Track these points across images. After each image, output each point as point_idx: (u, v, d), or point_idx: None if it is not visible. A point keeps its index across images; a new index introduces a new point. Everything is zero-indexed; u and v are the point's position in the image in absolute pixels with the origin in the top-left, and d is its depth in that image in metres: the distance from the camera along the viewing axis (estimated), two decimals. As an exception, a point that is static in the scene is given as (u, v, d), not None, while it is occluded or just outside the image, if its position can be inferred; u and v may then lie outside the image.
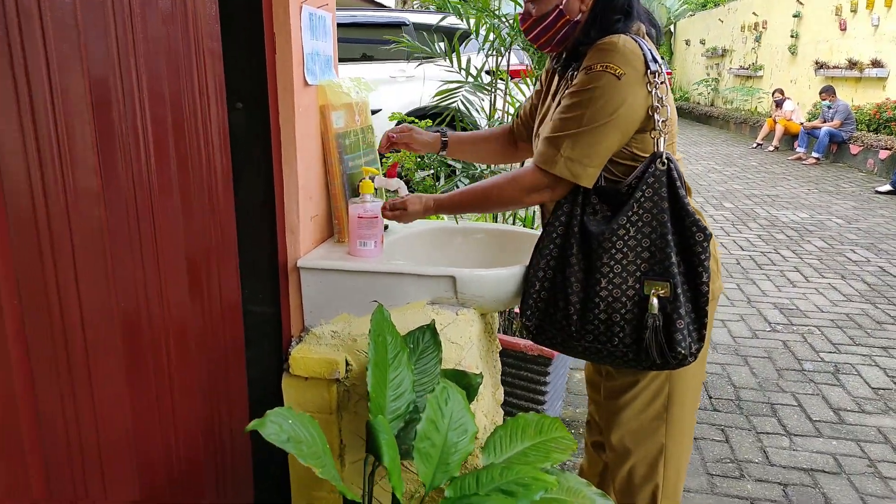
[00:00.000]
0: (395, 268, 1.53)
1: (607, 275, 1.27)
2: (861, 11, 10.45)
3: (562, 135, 1.27)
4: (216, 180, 1.40)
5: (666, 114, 1.26)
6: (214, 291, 1.44)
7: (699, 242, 1.24)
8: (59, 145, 0.98)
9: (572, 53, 1.35)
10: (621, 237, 1.26)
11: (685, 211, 1.25)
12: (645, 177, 1.25)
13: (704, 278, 1.25)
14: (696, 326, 1.27)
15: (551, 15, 1.33)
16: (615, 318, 1.28)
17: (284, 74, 1.47)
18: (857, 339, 3.45)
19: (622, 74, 1.22)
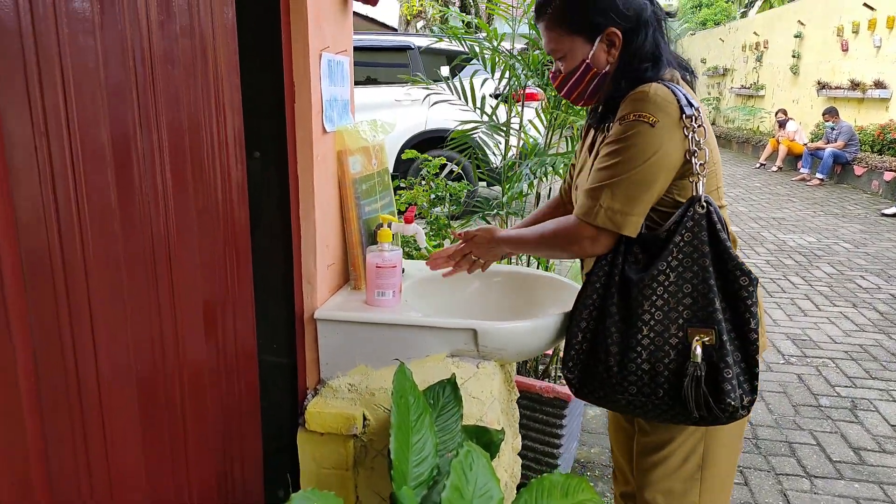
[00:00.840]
0: (414, 320, 1.49)
1: (648, 322, 1.23)
2: (863, 32, 10.50)
3: (600, 185, 1.25)
4: (234, 230, 1.37)
5: (704, 157, 1.23)
6: (230, 343, 1.40)
7: (744, 287, 1.20)
8: (78, 205, 0.94)
9: (607, 106, 1.33)
10: (661, 283, 1.22)
11: (728, 255, 1.20)
12: (684, 221, 1.22)
13: (752, 325, 1.20)
14: (748, 377, 1.22)
15: (579, 70, 1.32)
16: (659, 368, 1.23)
17: (303, 123, 1.44)
18: (872, 372, 3.40)
19: (656, 122, 1.20)
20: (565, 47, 1.32)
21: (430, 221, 2.30)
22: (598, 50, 1.30)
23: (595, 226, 1.26)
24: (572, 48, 1.32)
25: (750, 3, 24.73)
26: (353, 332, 1.51)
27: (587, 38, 1.30)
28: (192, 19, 1.18)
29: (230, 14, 1.28)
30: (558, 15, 1.31)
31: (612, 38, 1.29)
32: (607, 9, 1.27)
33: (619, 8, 1.27)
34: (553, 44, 1.34)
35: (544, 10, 1.32)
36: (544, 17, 1.33)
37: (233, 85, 1.31)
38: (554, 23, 1.32)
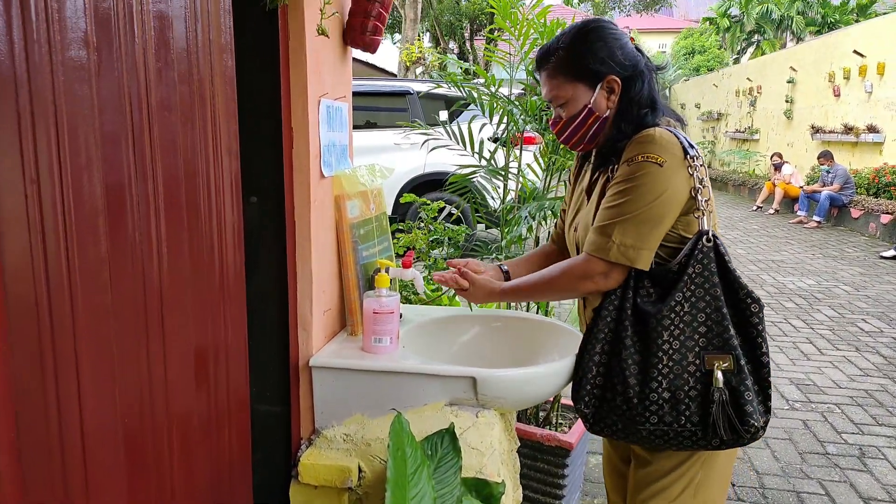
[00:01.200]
0: (412, 367, 1.45)
1: (668, 352, 1.29)
2: (854, 78, 10.70)
3: (612, 222, 1.31)
4: (228, 276, 1.35)
5: (708, 194, 1.31)
6: (222, 392, 1.36)
7: (755, 313, 1.28)
8: (68, 253, 0.92)
9: (609, 149, 1.40)
10: (678, 313, 1.29)
11: (738, 283, 1.28)
12: (694, 254, 1.29)
13: (764, 349, 1.29)
14: (762, 398, 1.30)
15: (581, 114, 1.38)
16: (679, 396, 1.28)
17: (301, 168, 1.44)
18: (879, 418, 3.34)
19: (663, 162, 1.28)
20: (567, 94, 1.39)
21: (428, 265, 2.29)
22: (598, 96, 1.38)
23: (608, 261, 1.31)
24: (574, 95, 1.38)
25: (742, 51, 25.32)
26: (349, 379, 1.47)
27: (588, 85, 1.38)
28: (190, 66, 1.18)
29: (229, 62, 1.29)
30: (561, 64, 1.38)
31: (612, 84, 1.37)
32: (607, 58, 1.36)
33: (618, 57, 1.36)
34: (555, 91, 1.40)
35: (547, 60, 1.40)
36: (547, 66, 1.40)
37: (231, 132, 1.30)
38: (556, 71, 1.39)
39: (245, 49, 1.36)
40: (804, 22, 22.71)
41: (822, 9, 23.12)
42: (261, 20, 1.36)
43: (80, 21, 0.90)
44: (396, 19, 18.50)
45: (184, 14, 1.17)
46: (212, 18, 1.24)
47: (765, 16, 23.46)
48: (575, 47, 1.37)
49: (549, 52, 1.39)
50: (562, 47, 1.38)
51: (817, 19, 22.84)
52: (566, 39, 1.38)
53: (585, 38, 1.37)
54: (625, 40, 1.39)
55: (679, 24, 34.10)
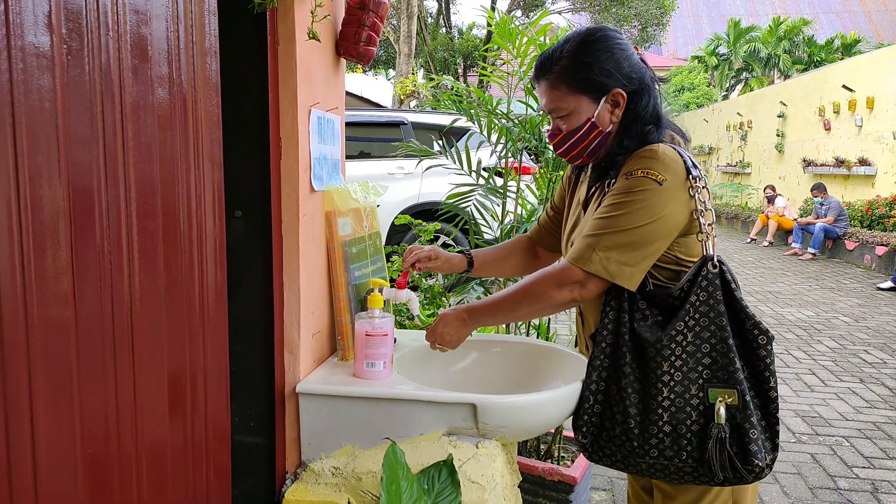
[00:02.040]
0: (407, 394, 1.35)
1: (668, 383, 1.22)
2: (844, 112, 10.81)
3: (599, 233, 1.24)
4: (209, 295, 1.25)
5: (711, 217, 1.24)
6: (199, 421, 1.25)
7: (763, 346, 1.20)
8: (23, 261, 0.83)
9: (608, 163, 1.33)
10: (679, 343, 1.22)
11: (745, 313, 1.21)
12: (698, 280, 1.22)
13: (772, 383, 1.21)
14: (769, 435, 1.23)
15: (583, 128, 1.31)
16: (681, 430, 1.21)
17: (289, 181, 1.36)
18: (889, 451, 3.22)
19: (663, 180, 1.21)
20: (569, 106, 1.31)
21: (423, 290, 2.19)
22: (602, 110, 1.30)
23: (586, 271, 1.24)
24: (577, 107, 1.31)
25: (730, 88, 25.75)
26: (339, 407, 1.36)
27: (592, 98, 1.30)
28: (170, 68, 1.11)
29: (214, 66, 1.21)
30: (563, 74, 1.30)
31: (618, 98, 1.29)
32: (614, 70, 1.28)
33: (625, 69, 1.28)
34: (556, 102, 1.33)
35: (548, 69, 1.32)
36: (548, 76, 1.32)
37: (214, 139, 1.22)
38: (558, 81, 1.31)
39: (232, 53, 1.29)
40: (791, 60, 23.18)
41: (809, 48, 23.64)
42: (249, 23, 1.29)
43: (42, 2, 0.82)
44: (391, 55, 18.72)
45: (165, 13, 1.10)
46: (195, 19, 1.17)
47: (752, 54, 23.95)
48: (579, 57, 1.29)
49: (551, 61, 1.31)
50: (565, 56, 1.30)
51: (804, 58, 23.34)
52: (570, 48, 1.30)
53: (591, 48, 1.29)
54: (631, 51, 1.32)
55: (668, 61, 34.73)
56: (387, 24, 17.02)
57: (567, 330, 5.26)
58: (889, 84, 9.65)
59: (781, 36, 23.82)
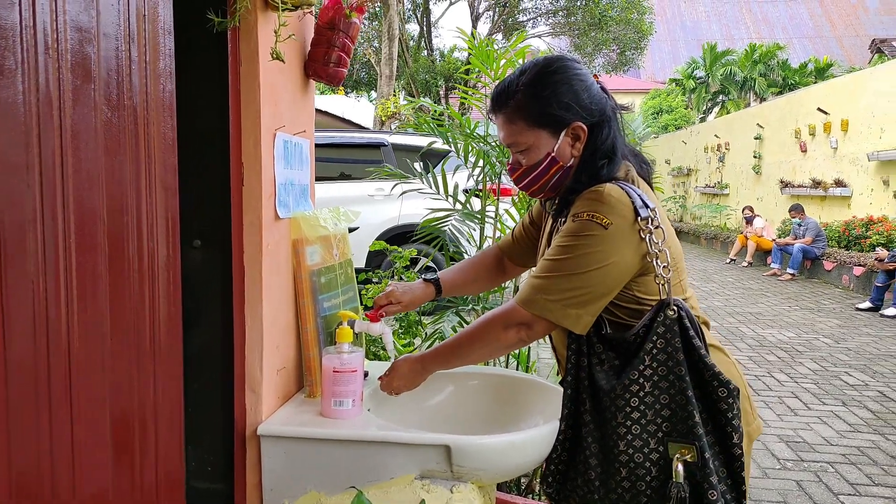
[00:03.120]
0: (376, 435, 1.27)
1: (625, 436, 1.16)
2: (819, 135, 10.98)
3: (544, 275, 1.20)
4: (160, 331, 1.16)
5: (667, 258, 1.17)
6: (149, 465, 1.15)
7: (723, 399, 1.14)
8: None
9: (566, 197, 1.28)
10: (635, 393, 1.16)
11: (703, 363, 1.14)
12: (654, 326, 1.16)
13: (735, 439, 1.14)
14: (735, 495, 1.16)
15: (544, 163, 1.25)
16: (640, 487, 1.15)
17: (252, 208, 1.28)
18: (874, 477, 3.17)
19: (609, 224, 1.16)
20: (528, 140, 1.26)
21: (398, 318, 2.12)
22: (563, 144, 1.25)
23: (531, 313, 1.20)
24: (536, 142, 1.25)
25: (707, 110, 26.18)
26: (304, 450, 1.28)
27: (552, 132, 1.25)
28: (120, 90, 1.03)
29: (168, 87, 1.14)
30: (520, 108, 1.25)
31: (578, 132, 1.25)
32: (573, 103, 1.23)
33: (584, 102, 1.24)
34: (515, 136, 1.27)
35: (505, 102, 1.26)
36: (505, 109, 1.26)
37: (168, 165, 1.14)
38: (516, 115, 1.25)
39: (190, 74, 1.22)
40: (766, 83, 23.66)
41: (783, 71, 24.18)
42: (208, 43, 1.22)
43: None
44: (372, 77, 18.77)
45: (115, 32, 1.03)
46: (149, 38, 1.10)
47: (728, 77, 24.41)
48: (536, 90, 1.23)
49: (508, 94, 1.25)
50: (521, 89, 1.24)
51: (778, 81, 23.84)
52: (526, 80, 1.24)
53: (548, 80, 1.23)
54: (590, 81, 1.26)
55: (646, 84, 35.29)
56: (368, 47, 17.09)
57: (549, 354, 5.20)
58: (862, 107, 9.82)
59: (756, 60, 24.33)
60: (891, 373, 4.95)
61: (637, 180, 1.26)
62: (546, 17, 18.28)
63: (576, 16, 16.68)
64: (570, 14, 16.98)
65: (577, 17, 16.72)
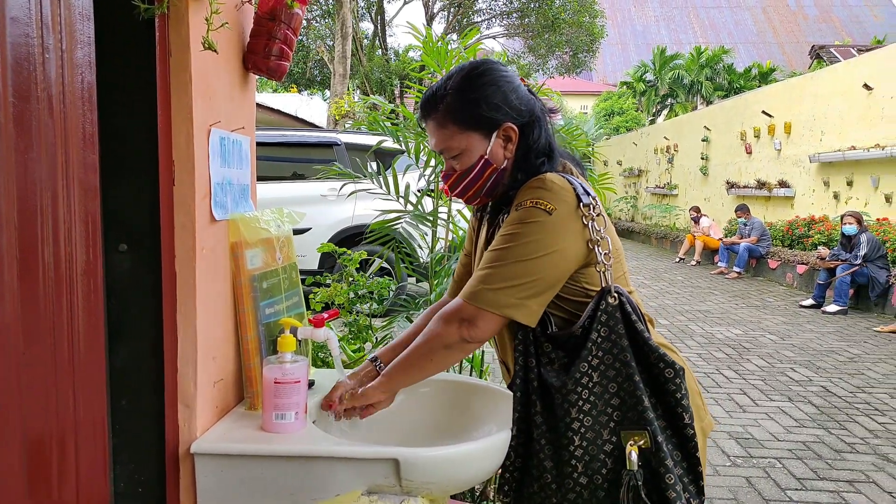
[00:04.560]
0: (320, 450, 1.19)
1: (578, 430, 1.14)
2: (764, 137, 11.33)
3: (489, 267, 1.17)
4: (79, 344, 1.06)
5: (608, 246, 1.18)
6: (69, 488, 1.05)
7: (671, 379, 1.14)
8: None
9: (502, 199, 1.27)
10: (585, 385, 1.15)
11: (648, 346, 1.15)
12: (597, 315, 1.16)
13: (686, 419, 1.14)
14: (692, 477, 1.15)
15: (477, 166, 1.24)
16: (597, 481, 1.14)
17: (184, 209, 1.19)
18: (819, 472, 3.25)
19: (553, 210, 1.15)
20: (460, 144, 1.24)
21: (348, 323, 2.04)
22: (495, 145, 1.24)
23: (476, 306, 1.16)
24: (468, 145, 1.23)
25: (657, 113, 26.80)
26: (242, 468, 1.19)
27: (483, 135, 1.23)
28: (30, 81, 0.94)
29: (88, 78, 1.04)
30: (451, 112, 1.23)
31: (509, 133, 1.24)
32: (502, 104, 1.22)
33: (514, 103, 1.23)
34: (446, 142, 1.25)
35: (434, 107, 1.24)
36: (435, 115, 1.24)
37: (88, 163, 1.05)
38: (446, 120, 1.23)
39: (114, 64, 1.13)
40: (712, 87, 24.37)
41: (729, 75, 24.95)
42: (134, 31, 1.13)
43: None
44: (326, 75, 18.52)
45: (25, 16, 0.93)
46: (65, 25, 1.00)
47: (677, 81, 25.05)
48: (465, 93, 1.22)
49: (436, 99, 1.24)
50: (449, 93, 1.23)
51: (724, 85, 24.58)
52: (454, 84, 1.23)
53: (476, 83, 1.22)
54: (517, 83, 1.26)
55: (599, 87, 35.94)
56: (322, 44, 16.85)
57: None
58: (805, 110, 10.17)
59: (703, 64, 25.04)
60: (833, 368, 5.11)
61: (575, 174, 1.26)
62: (500, 18, 18.39)
63: (529, 18, 16.81)
64: (523, 16, 17.12)
65: (530, 20, 16.85)
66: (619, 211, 18.84)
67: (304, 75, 18.84)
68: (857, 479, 3.17)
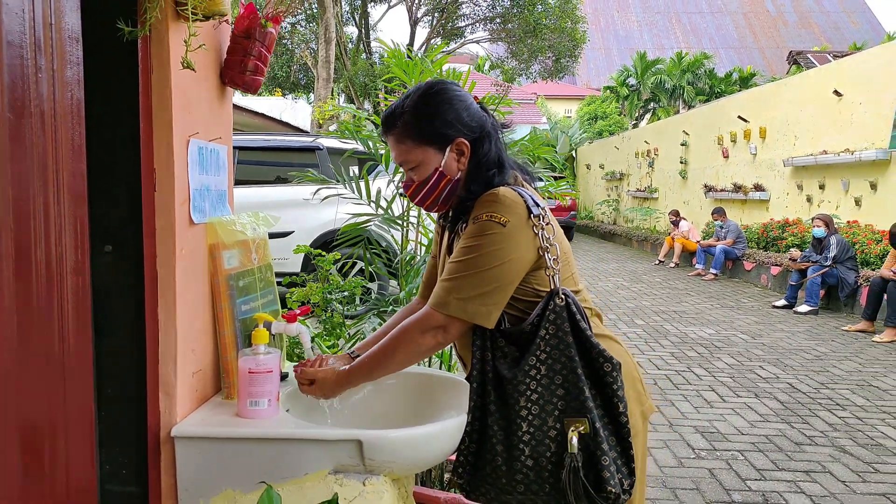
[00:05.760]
0: (289, 433, 1.31)
1: (526, 417, 1.26)
2: (740, 141, 11.57)
3: (453, 277, 1.29)
4: (68, 337, 1.17)
5: (556, 252, 1.30)
6: (60, 471, 1.16)
7: (609, 373, 1.26)
8: None
9: (459, 208, 1.39)
10: (533, 377, 1.27)
11: (590, 343, 1.27)
12: (546, 314, 1.27)
13: (621, 409, 1.26)
14: (625, 460, 1.27)
15: (433, 178, 1.36)
16: (542, 463, 1.25)
17: (165, 213, 1.30)
18: (779, 462, 3.40)
19: (507, 222, 1.27)
20: (417, 158, 1.36)
21: (323, 321, 2.15)
22: (449, 159, 1.36)
23: (446, 314, 1.28)
24: (424, 158, 1.36)
25: (640, 117, 27.11)
26: (219, 450, 1.31)
27: (438, 149, 1.36)
28: (25, 97, 1.04)
29: (77, 94, 1.15)
30: (408, 128, 1.36)
31: (462, 147, 1.36)
32: (454, 121, 1.34)
33: (465, 120, 1.35)
34: (405, 155, 1.38)
35: (393, 124, 1.37)
36: (394, 131, 1.37)
37: (76, 172, 1.16)
38: (404, 135, 1.36)
39: (100, 82, 1.24)
40: (694, 91, 24.72)
41: (710, 80, 25.31)
42: (119, 51, 1.24)
43: None
44: (310, 79, 18.58)
45: (20, 41, 1.04)
46: (56, 46, 1.11)
47: (659, 86, 25.37)
48: (421, 110, 1.35)
49: (395, 116, 1.36)
50: (407, 111, 1.36)
51: (706, 89, 24.94)
52: (411, 103, 1.36)
53: (431, 101, 1.35)
54: (469, 101, 1.39)
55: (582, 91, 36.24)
56: (305, 48, 16.91)
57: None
58: (779, 116, 10.42)
59: (685, 69, 25.39)
60: (800, 366, 5.29)
61: (525, 185, 1.39)
62: (484, 23, 18.56)
63: (512, 23, 16.99)
64: (505, 21, 17.28)
65: (513, 25, 17.03)
66: (601, 214, 19.08)
67: (289, 79, 18.89)
68: (813, 470, 3.32)
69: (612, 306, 7.74)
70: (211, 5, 1.25)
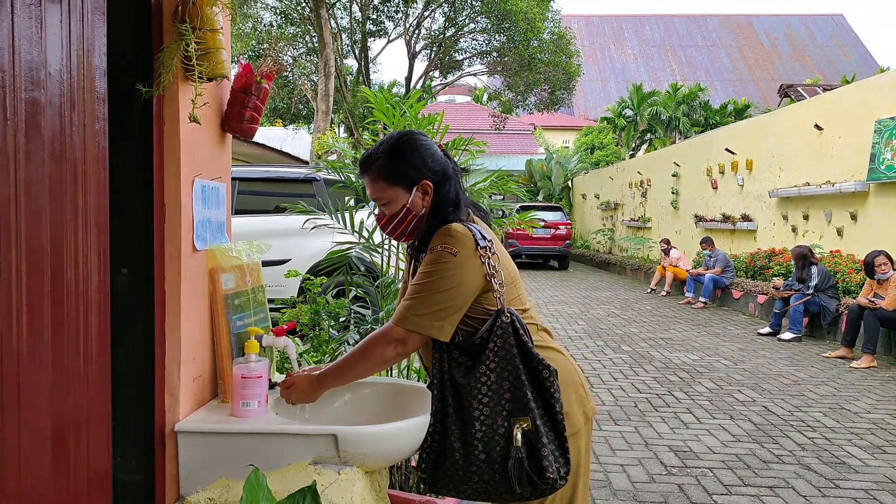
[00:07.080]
0: (274, 428, 1.53)
1: (479, 418, 1.48)
2: (728, 173, 11.88)
3: (412, 297, 1.51)
4: (91, 344, 1.40)
5: (501, 278, 1.54)
6: (82, 462, 1.38)
7: (547, 378, 1.48)
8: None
9: (423, 239, 1.62)
10: (484, 383, 1.48)
11: (531, 354, 1.49)
12: (494, 329, 1.49)
13: (558, 408, 1.48)
14: (561, 452, 1.48)
15: (401, 212, 1.61)
16: (493, 456, 1.46)
17: (173, 241, 1.54)
18: (745, 479, 3.59)
19: (457, 252, 1.50)
20: (389, 195, 1.61)
21: (311, 338, 2.38)
22: (415, 197, 1.61)
23: (406, 329, 1.50)
24: (395, 196, 1.61)
25: (636, 147, 27.55)
26: (214, 443, 1.53)
27: (406, 188, 1.60)
28: (63, 148, 1.30)
29: (102, 144, 1.41)
30: (381, 170, 1.60)
31: (426, 187, 1.61)
32: (420, 166, 1.60)
33: (430, 164, 1.61)
34: (378, 193, 1.62)
35: (369, 167, 1.61)
36: (370, 172, 1.62)
37: (100, 207, 1.40)
38: (377, 176, 1.61)
39: (123, 131, 1.49)
40: (689, 123, 25.17)
41: (705, 111, 25.79)
42: (137, 107, 1.50)
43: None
44: (311, 110, 19.02)
45: (59, 101, 1.29)
46: (87, 106, 1.37)
47: (655, 117, 25.84)
48: (392, 156, 1.59)
49: (371, 160, 1.61)
50: (381, 156, 1.60)
51: (701, 120, 25.40)
52: (384, 150, 1.60)
53: (401, 149, 1.60)
54: (434, 149, 1.63)
55: (579, 122, 36.82)
56: (306, 81, 17.36)
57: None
58: (765, 148, 10.74)
59: (680, 100, 25.88)
60: (777, 390, 5.48)
61: (477, 221, 1.63)
62: (481, 56, 19.07)
63: (508, 57, 17.46)
64: (502, 55, 17.77)
65: (509, 58, 17.51)
66: (596, 243, 19.35)
67: (290, 110, 19.34)
68: (777, 486, 3.51)
69: (601, 333, 7.94)
70: (215, 69, 1.51)
